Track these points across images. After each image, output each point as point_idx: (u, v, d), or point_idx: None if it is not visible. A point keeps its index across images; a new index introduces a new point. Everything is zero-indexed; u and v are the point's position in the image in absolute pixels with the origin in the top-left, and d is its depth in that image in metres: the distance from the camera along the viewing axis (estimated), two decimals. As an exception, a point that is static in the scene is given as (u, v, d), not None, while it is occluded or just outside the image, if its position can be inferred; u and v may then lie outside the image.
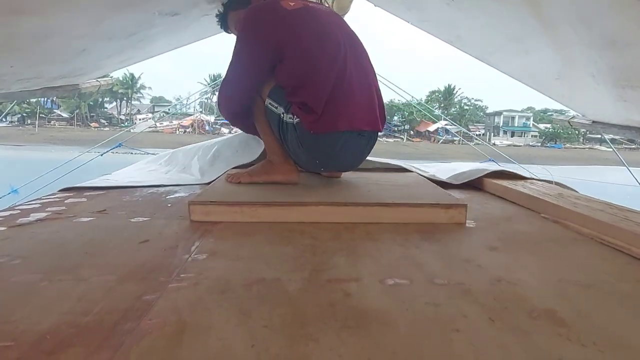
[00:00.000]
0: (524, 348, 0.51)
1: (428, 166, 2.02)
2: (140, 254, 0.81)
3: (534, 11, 1.27)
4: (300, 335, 0.53)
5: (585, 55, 1.29)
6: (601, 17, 1.07)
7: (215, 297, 0.63)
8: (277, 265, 0.77)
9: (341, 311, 0.59)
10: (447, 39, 2.08)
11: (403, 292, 0.66)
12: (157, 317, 0.56)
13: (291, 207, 1.07)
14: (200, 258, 0.80)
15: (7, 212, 1.14)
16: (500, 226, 1.07)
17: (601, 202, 1.22)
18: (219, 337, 0.52)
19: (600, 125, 1.96)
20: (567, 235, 1.00)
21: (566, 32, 1.24)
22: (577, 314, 0.60)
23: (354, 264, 0.78)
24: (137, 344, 0.50)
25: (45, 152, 18.39)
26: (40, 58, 1.42)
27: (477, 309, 0.61)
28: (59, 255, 0.81)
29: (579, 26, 1.16)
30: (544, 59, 1.58)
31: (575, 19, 1.16)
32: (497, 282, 0.70)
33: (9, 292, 0.64)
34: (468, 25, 1.78)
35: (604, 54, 1.21)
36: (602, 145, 40.09)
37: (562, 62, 1.50)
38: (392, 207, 1.08)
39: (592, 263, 0.81)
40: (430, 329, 0.55)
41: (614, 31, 1.09)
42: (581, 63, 1.37)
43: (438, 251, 0.86)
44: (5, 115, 16.53)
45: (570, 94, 1.87)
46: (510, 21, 1.48)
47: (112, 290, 0.64)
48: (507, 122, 44.79)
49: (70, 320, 0.55)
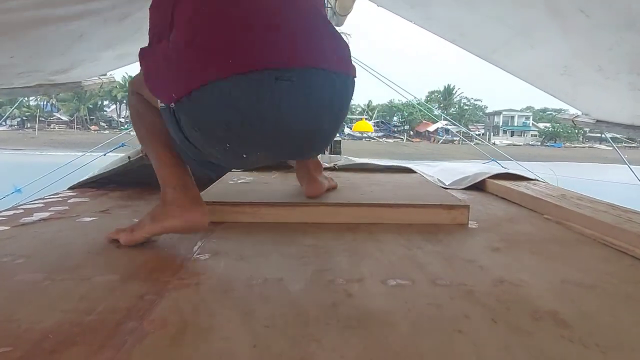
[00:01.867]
0: (526, 349, 0.50)
1: (431, 165, 2.01)
2: (142, 254, 0.81)
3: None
4: (303, 336, 0.53)
5: (596, 43, 1.24)
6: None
7: (218, 297, 0.63)
8: (279, 266, 0.77)
9: (343, 311, 0.59)
10: (450, 38, 2.08)
11: (405, 292, 0.66)
12: (160, 316, 0.57)
13: (294, 208, 1.07)
14: (202, 258, 0.80)
15: (10, 211, 1.15)
16: (503, 227, 1.07)
17: (604, 203, 1.22)
18: (221, 337, 0.52)
19: (605, 124, 1.94)
20: (570, 237, 1.00)
21: (577, 18, 1.18)
22: (579, 315, 0.59)
23: (357, 265, 0.78)
24: (139, 344, 0.50)
25: (46, 156, 18.40)
26: (39, 46, 1.39)
27: (480, 309, 0.60)
28: (62, 254, 0.81)
29: (595, 9, 1.11)
30: (549, 53, 1.56)
31: (590, 2, 1.11)
32: (499, 283, 0.70)
33: (13, 291, 0.65)
34: (472, 20, 1.76)
35: (623, 35, 1.15)
36: (601, 143, 40.04)
37: (569, 54, 1.46)
38: (395, 207, 1.08)
39: (595, 264, 0.81)
40: (432, 330, 0.55)
41: (638, 11, 1.03)
42: (589, 54, 1.34)
43: (440, 252, 0.86)
44: (5, 119, 16.55)
45: (574, 91, 1.86)
46: (517, 12, 1.45)
47: (114, 290, 0.65)
48: (506, 121, 44.76)
49: (72, 319, 0.55)
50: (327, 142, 0.99)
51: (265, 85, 0.76)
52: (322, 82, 0.82)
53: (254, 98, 0.76)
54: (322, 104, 0.83)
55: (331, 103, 0.85)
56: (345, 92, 0.88)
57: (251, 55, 0.76)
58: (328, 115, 0.86)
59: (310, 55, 0.81)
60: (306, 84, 0.79)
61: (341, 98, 0.87)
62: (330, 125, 0.88)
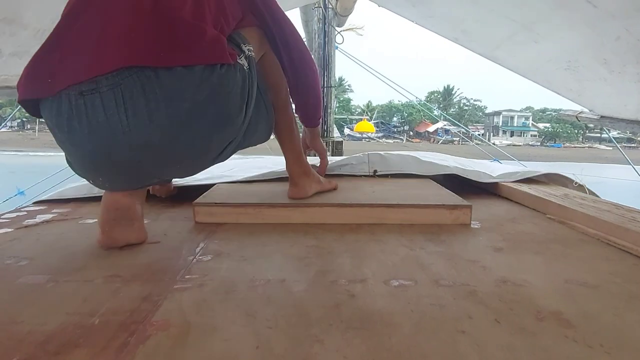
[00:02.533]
0: (530, 350, 0.50)
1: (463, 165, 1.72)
2: (145, 256, 0.82)
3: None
4: (305, 337, 0.53)
5: (602, 33, 1.22)
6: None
7: (221, 298, 0.63)
8: (282, 266, 0.77)
9: (346, 312, 0.59)
10: (451, 36, 2.07)
11: (408, 293, 0.66)
12: (163, 318, 0.57)
13: (295, 208, 1.07)
14: (205, 259, 0.80)
15: (13, 213, 1.15)
16: (505, 227, 1.07)
17: (608, 202, 1.21)
18: (224, 338, 0.52)
19: (609, 119, 1.93)
20: (573, 236, 1.00)
21: (583, 9, 1.16)
22: (583, 315, 0.59)
23: (359, 265, 0.78)
24: (142, 345, 0.50)
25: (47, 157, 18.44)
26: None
27: (483, 310, 0.60)
28: (65, 256, 0.82)
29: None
30: (554, 47, 1.54)
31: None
32: (502, 283, 0.70)
33: (16, 293, 0.65)
34: (474, 16, 1.75)
35: (632, 22, 1.13)
36: (601, 143, 39.96)
37: (574, 47, 1.45)
38: (397, 208, 1.08)
39: (598, 264, 0.81)
40: (435, 330, 0.55)
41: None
42: (595, 46, 1.32)
43: (443, 252, 0.86)
44: (7, 121, 16.65)
45: (579, 86, 1.84)
46: (520, 5, 1.44)
47: (117, 292, 0.65)
48: (506, 122, 44.77)
49: (76, 321, 0.55)
50: (181, 159, 0.79)
51: (64, 104, 0.68)
52: (134, 83, 0.67)
53: (57, 120, 0.69)
54: (137, 112, 0.67)
55: (152, 108, 0.68)
56: (179, 89, 0.69)
57: (55, 74, 0.68)
58: (151, 124, 0.68)
59: (117, 56, 0.67)
60: (115, 93, 0.67)
61: (170, 98, 0.69)
62: (163, 137, 0.71)
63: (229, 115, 0.79)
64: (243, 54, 0.83)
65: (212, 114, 0.75)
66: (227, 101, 0.77)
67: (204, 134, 0.76)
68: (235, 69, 0.78)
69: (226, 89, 0.76)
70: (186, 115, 0.71)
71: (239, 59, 0.80)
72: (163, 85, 0.68)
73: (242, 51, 0.83)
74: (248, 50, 0.86)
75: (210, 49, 0.73)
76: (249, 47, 0.87)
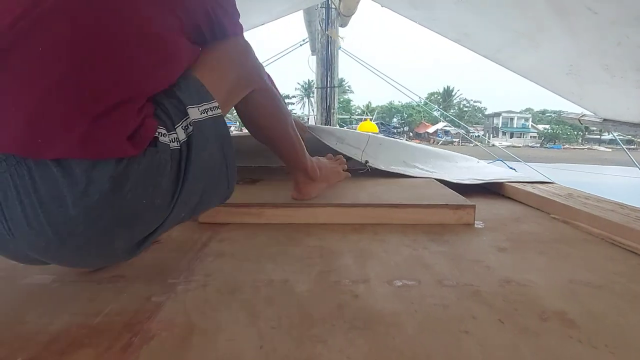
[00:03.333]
0: (534, 350, 0.50)
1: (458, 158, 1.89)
2: (149, 256, 0.82)
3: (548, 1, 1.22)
4: (309, 337, 0.53)
5: (603, 40, 1.23)
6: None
7: (224, 298, 0.64)
8: (285, 267, 0.77)
9: (349, 312, 0.59)
10: (454, 38, 2.07)
11: (411, 293, 0.66)
12: (167, 318, 0.57)
13: (298, 209, 1.07)
14: (208, 259, 0.80)
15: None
16: (509, 227, 1.07)
17: (612, 202, 1.21)
18: (227, 339, 0.52)
19: (611, 122, 1.93)
20: (577, 236, 0.99)
21: (584, 16, 1.17)
22: (587, 315, 0.59)
23: (362, 265, 0.78)
24: (146, 345, 0.50)
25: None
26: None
27: (487, 310, 0.60)
28: (69, 257, 0.82)
29: (603, 5, 1.10)
30: (555, 53, 1.55)
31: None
32: (506, 283, 0.70)
33: (22, 294, 0.65)
34: (477, 22, 1.76)
35: (633, 30, 1.14)
36: (600, 145, 39.83)
37: (575, 53, 1.45)
38: (400, 208, 1.08)
39: (603, 264, 0.80)
40: (439, 331, 0.55)
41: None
42: (596, 52, 1.33)
43: (446, 252, 0.86)
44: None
45: (580, 90, 1.84)
46: (521, 15, 1.45)
47: (122, 292, 0.65)
48: (505, 123, 44.71)
49: (81, 321, 0.56)
50: (95, 256, 0.61)
51: None
52: (7, 182, 0.50)
53: None
54: (13, 217, 0.52)
55: (29, 215, 0.51)
56: (56, 196, 0.51)
57: None
58: (32, 231, 0.52)
59: None
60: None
61: (47, 204, 0.51)
62: (50, 245, 0.54)
63: (138, 215, 0.57)
64: (181, 124, 0.60)
65: (110, 217, 0.54)
66: (133, 202, 0.55)
67: (105, 237, 0.57)
68: (149, 158, 0.55)
69: (128, 190, 0.54)
70: (73, 223, 0.53)
71: (163, 138, 0.57)
72: (37, 189, 0.51)
73: (180, 121, 0.60)
74: (203, 112, 0.63)
75: (82, 140, 0.50)
76: (205, 106, 0.63)
